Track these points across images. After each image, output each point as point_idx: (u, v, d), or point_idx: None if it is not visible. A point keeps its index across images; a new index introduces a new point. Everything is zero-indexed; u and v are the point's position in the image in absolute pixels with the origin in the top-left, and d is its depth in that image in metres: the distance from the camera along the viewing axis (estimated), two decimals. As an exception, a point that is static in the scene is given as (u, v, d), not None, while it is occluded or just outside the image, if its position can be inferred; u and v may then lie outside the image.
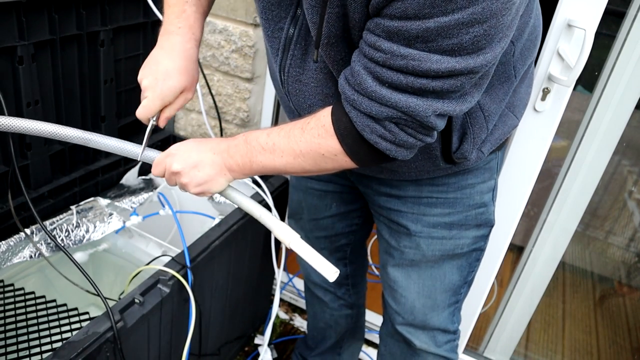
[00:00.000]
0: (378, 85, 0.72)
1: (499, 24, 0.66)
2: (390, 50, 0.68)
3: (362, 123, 0.76)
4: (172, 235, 1.62)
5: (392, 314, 1.23)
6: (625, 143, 1.56)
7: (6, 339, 1.10)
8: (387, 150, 0.79)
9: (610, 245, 2.31)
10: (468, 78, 0.71)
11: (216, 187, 0.92)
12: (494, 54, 0.69)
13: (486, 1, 0.62)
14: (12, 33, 1.17)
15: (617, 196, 2.11)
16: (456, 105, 0.74)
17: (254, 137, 0.86)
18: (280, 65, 0.93)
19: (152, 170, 0.97)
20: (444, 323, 1.19)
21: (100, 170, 1.55)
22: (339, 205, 1.31)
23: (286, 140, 0.83)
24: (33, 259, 1.29)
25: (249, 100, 1.78)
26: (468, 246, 1.11)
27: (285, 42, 0.89)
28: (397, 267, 1.16)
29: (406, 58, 0.68)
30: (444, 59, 0.67)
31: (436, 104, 0.72)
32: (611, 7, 1.16)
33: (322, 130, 0.81)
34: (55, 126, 0.94)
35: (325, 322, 1.54)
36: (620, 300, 2.28)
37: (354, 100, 0.75)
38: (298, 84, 0.93)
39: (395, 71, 0.70)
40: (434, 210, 1.07)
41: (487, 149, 0.98)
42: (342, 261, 1.42)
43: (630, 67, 1.33)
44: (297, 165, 0.84)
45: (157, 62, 0.96)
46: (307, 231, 1.39)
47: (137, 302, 1.07)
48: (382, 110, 0.73)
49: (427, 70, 0.68)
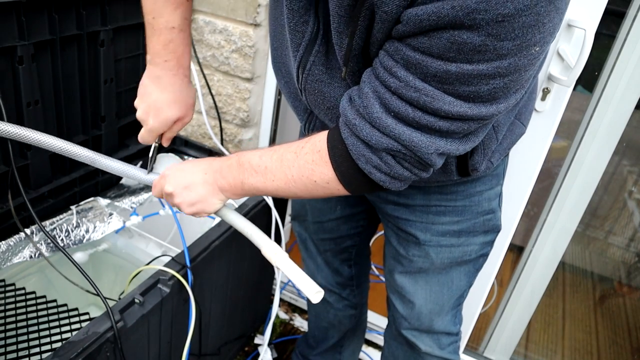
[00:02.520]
0: (384, 113, 0.70)
1: (520, 78, 0.64)
2: (405, 79, 0.66)
3: (358, 152, 0.74)
4: (172, 235, 1.62)
5: (399, 318, 1.22)
6: (625, 143, 1.56)
7: (6, 338, 1.10)
8: (380, 182, 0.77)
9: (610, 245, 2.31)
10: (476, 124, 0.69)
11: (210, 208, 0.92)
12: (507, 105, 0.68)
13: (514, 57, 0.60)
14: (12, 33, 1.17)
15: (617, 196, 2.11)
16: (459, 145, 0.72)
17: (247, 158, 0.85)
18: (300, 61, 0.85)
19: (152, 192, 0.98)
20: (448, 326, 1.19)
21: (100, 170, 1.55)
22: (344, 208, 1.30)
23: (279, 164, 0.81)
24: (33, 259, 1.29)
25: (249, 100, 1.78)
26: (476, 252, 1.10)
27: (311, 36, 0.82)
28: (404, 274, 1.16)
29: (419, 91, 0.65)
30: (457, 103, 0.65)
31: (439, 142, 0.70)
32: (611, 7, 1.16)
33: (316, 156, 0.78)
34: (65, 143, 0.95)
35: (328, 322, 1.54)
36: (620, 300, 2.28)
37: (355, 125, 0.73)
38: (319, 84, 0.86)
39: (405, 102, 0.68)
40: (443, 219, 1.06)
41: (496, 159, 0.97)
42: (346, 262, 1.42)
43: (630, 67, 1.33)
44: (287, 190, 0.82)
45: (148, 93, 0.97)
46: (311, 233, 1.39)
47: (137, 302, 1.07)
48: (382, 141, 0.71)
49: (437, 109, 0.66)
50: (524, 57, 0.61)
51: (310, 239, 1.40)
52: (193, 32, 1.72)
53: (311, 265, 1.44)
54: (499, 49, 0.59)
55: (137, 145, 1.64)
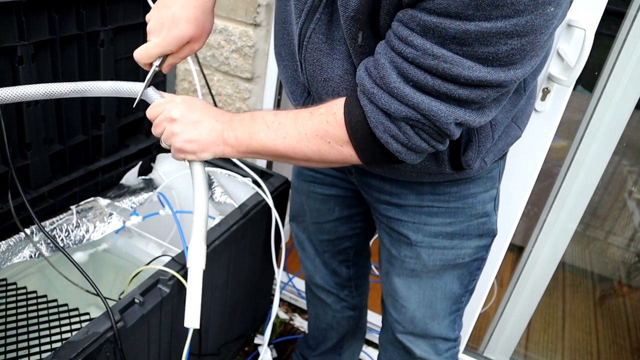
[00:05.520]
0: (402, 83, 0.69)
1: (535, 40, 0.65)
2: (422, 47, 0.65)
3: (377, 119, 0.73)
4: (172, 235, 1.62)
5: (393, 322, 1.22)
6: (625, 143, 1.56)
7: (6, 337, 1.10)
8: (396, 152, 0.76)
9: (610, 245, 2.31)
10: (495, 91, 0.69)
11: (203, 154, 0.87)
12: (524, 71, 0.68)
13: (531, 15, 0.61)
14: (12, 33, 1.17)
15: (617, 196, 2.12)
16: (476, 116, 0.72)
17: (261, 114, 0.84)
18: (301, 28, 0.85)
19: (148, 111, 0.91)
20: (445, 331, 1.18)
21: (100, 170, 1.55)
22: (342, 209, 1.29)
23: (293, 122, 0.80)
24: (33, 259, 1.29)
25: (249, 100, 1.78)
26: (469, 256, 1.09)
27: (313, 2, 0.81)
28: (397, 276, 1.15)
29: (438, 58, 0.65)
30: (477, 67, 0.65)
31: (458, 111, 0.70)
32: (611, 7, 1.16)
33: (331, 118, 0.77)
34: (47, 85, 0.88)
35: (327, 323, 1.54)
36: (620, 300, 2.29)
37: (373, 94, 0.72)
38: (318, 53, 0.86)
39: (423, 71, 0.67)
40: (435, 220, 1.05)
41: (490, 159, 0.97)
42: (345, 263, 1.42)
43: (630, 67, 1.33)
44: (298, 150, 0.80)
45: (167, 6, 0.89)
46: (309, 234, 1.39)
47: (137, 302, 1.07)
48: (401, 110, 0.71)
49: (457, 76, 0.66)
50: (540, 17, 0.62)
51: (309, 239, 1.40)
52: (193, 32, 1.72)
53: (309, 266, 1.44)
54: (516, 3, 0.60)
55: (137, 145, 1.64)
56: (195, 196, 0.88)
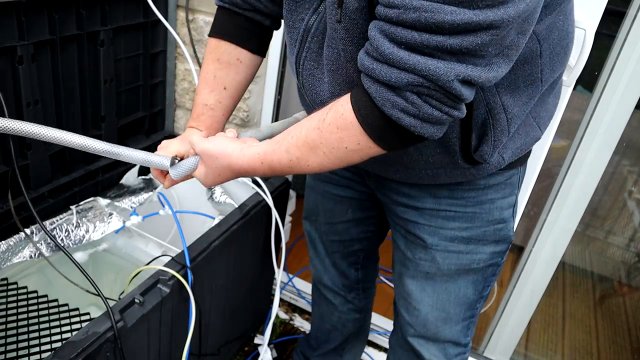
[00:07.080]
0: (395, 47, 0.68)
1: None
2: (402, 3, 0.65)
3: (382, 97, 0.72)
4: (172, 235, 1.62)
5: (404, 325, 1.21)
6: (625, 143, 1.56)
7: (6, 337, 1.10)
8: (411, 127, 0.72)
9: (610, 245, 2.31)
10: (489, 35, 0.65)
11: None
12: (517, 10, 0.64)
13: None
14: (12, 33, 1.18)
15: (617, 196, 2.12)
16: (482, 71, 0.68)
17: (276, 158, 0.85)
18: (297, 57, 0.92)
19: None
20: (457, 336, 1.17)
21: (100, 170, 1.55)
22: (356, 211, 1.29)
23: (307, 150, 0.81)
24: (33, 258, 1.29)
25: (249, 100, 1.78)
26: (485, 261, 1.08)
27: (303, 33, 0.88)
28: (411, 279, 1.15)
29: (418, 10, 0.63)
30: (459, 10, 0.62)
31: (458, 67, 0.67)
32: (611, 7, 1.16)
33: (340, 121, 0.76)
34: (84, 139, 0.94)
35: (331, 325, 1.54)
36: (620, 300, 2.29)
37: (373, 69, 0.71)
38: (311, 79, 0.92)
39: (408, 28, 0.66)
40: (452, 224, 1.05)
41: (509, 155, 0.95)
42: (354, 266, 1.41)
43: (630, 67, 1.33)
44: (324, 168, 0.82)
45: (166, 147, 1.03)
46: (321, 233, 1.38)
47: (137, 302, 1.07)
48: (402, 77, 0.69)
49: (441, 23, 0.63)
50: None
51: (320, 239, 1.40)
52: (193, 32, 1.72)
53: (318, 265, 1.44)
54: None
55: (137, 145, 1.64)
56: None
